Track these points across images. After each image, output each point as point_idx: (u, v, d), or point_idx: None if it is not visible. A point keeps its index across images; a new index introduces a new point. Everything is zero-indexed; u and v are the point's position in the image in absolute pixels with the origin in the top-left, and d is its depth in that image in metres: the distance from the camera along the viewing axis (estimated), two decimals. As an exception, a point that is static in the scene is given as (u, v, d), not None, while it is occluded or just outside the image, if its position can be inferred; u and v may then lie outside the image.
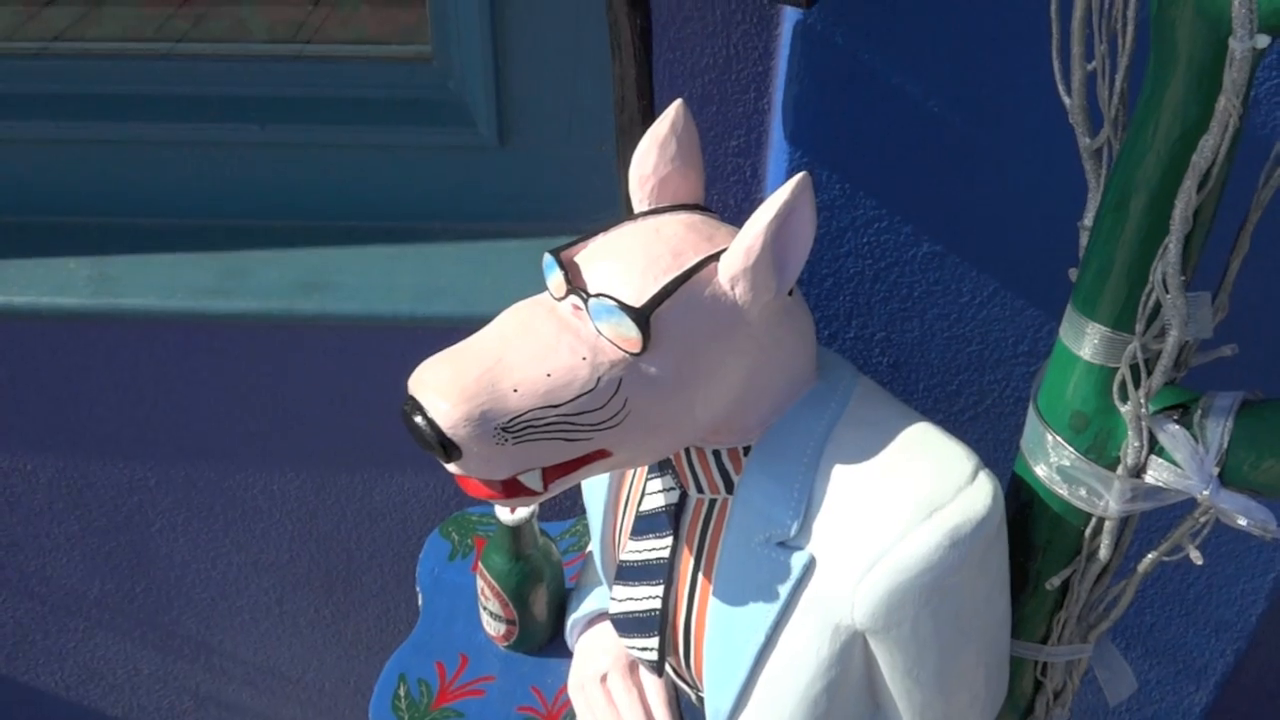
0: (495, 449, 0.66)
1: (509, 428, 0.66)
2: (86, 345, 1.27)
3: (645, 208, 0.75)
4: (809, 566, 0.75)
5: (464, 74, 1.16)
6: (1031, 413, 0.77)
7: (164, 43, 1.22)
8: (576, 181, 1.21)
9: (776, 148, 1.07)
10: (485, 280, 1.19)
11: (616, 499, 0.90)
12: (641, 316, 0.66)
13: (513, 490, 0.70)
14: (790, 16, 0.92)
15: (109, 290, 1.20)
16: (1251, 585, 1.47)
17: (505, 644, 1.07)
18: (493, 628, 1.06)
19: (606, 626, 1.03)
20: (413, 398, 0.67)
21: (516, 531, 0.99)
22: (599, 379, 0.67)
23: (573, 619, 1.05)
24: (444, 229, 1.25)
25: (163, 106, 1.21)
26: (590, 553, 1.09)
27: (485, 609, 1.05)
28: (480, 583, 1.04)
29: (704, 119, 1.08)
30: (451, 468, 0.68)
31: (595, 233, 0.73)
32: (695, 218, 0.73)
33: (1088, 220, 0.73)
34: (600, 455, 0.70)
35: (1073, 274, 0.73)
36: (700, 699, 0.95)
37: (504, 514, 0.99)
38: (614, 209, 1.08)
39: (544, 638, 1.08)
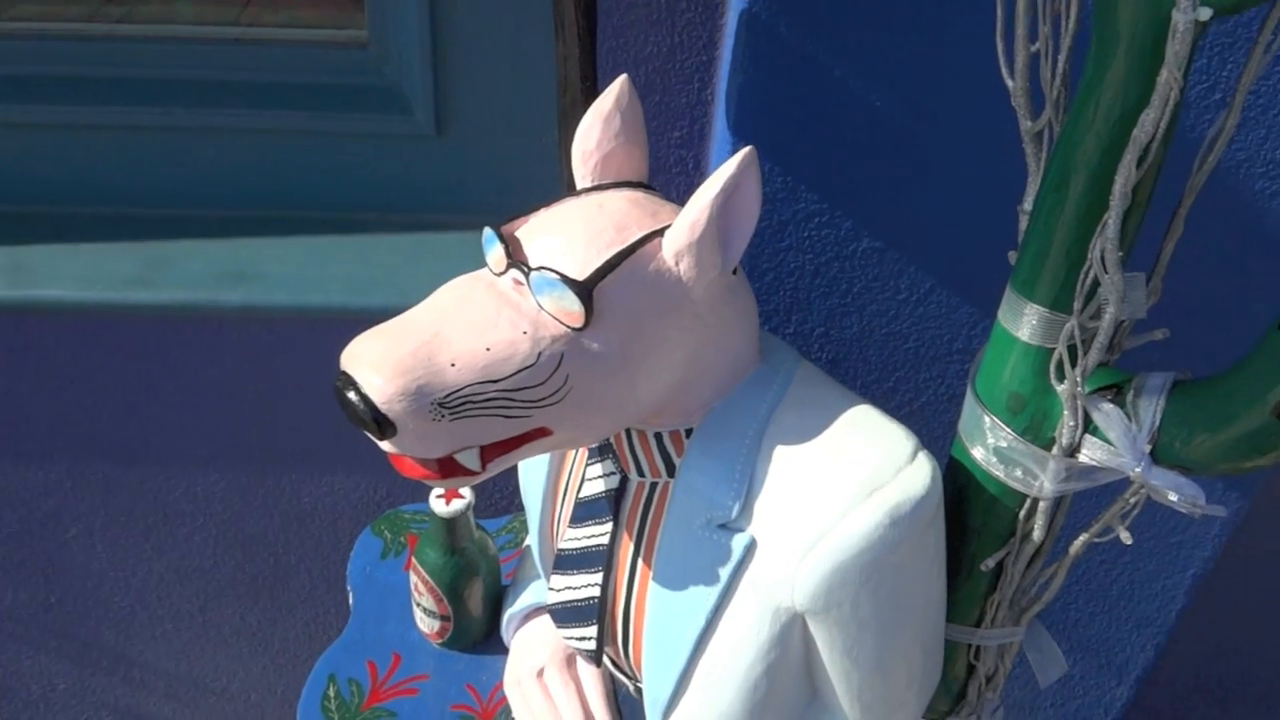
0: (431, 426, 0.64)
1: (446, 403, 0.64)
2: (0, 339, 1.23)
3: (588, 184, 0.74)
4: (750, 548, 0.74)
5: (401, 60, 1.14)
6: (969, 396, 0.77)
7: (84, 23, 1.19)
8: (516, 172, 1.20)
9: (719, 139, 1.07)
10: (421, 271, 1.17)
11: (555, 487, 0.89)
12: (584, 290, 0.65)
13: (449, 470, 0.68)
14: (735, 6, 0.93)
15: (24, 281, 1.15)
16: (1172, 581, 1.50)
17: (439, 641, 1.05)
18: (426, 624, 1.04)
19: (543, 621, 1.02)
20: (345, 373, 0.65)
21: (451, 524, 0.97)
22: (539, 354, 0.66)
23: (509, 614, 1.03)
24: (378, 220, 1.23)
25: (83, 89, 1.17)
26: (527, 547, 1.08)
27: (419, 605, 1.03)
28: (414, 578, 1.02)
29: (647, 109, 1.07)
30: (386, 446, 0.67)
31: (537, 208, 0.72)
32: (639, 194, 0.73)
33: (1027, 204, 0.73)
34: (540, 434, 0.69)
35: (1012, 257, 0.74)
36: (638, 690, 0.94)
37: (439, 506, 0.97)
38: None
39: (479, 634, 1.06)
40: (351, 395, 0.64)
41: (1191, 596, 1.50)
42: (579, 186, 0.75)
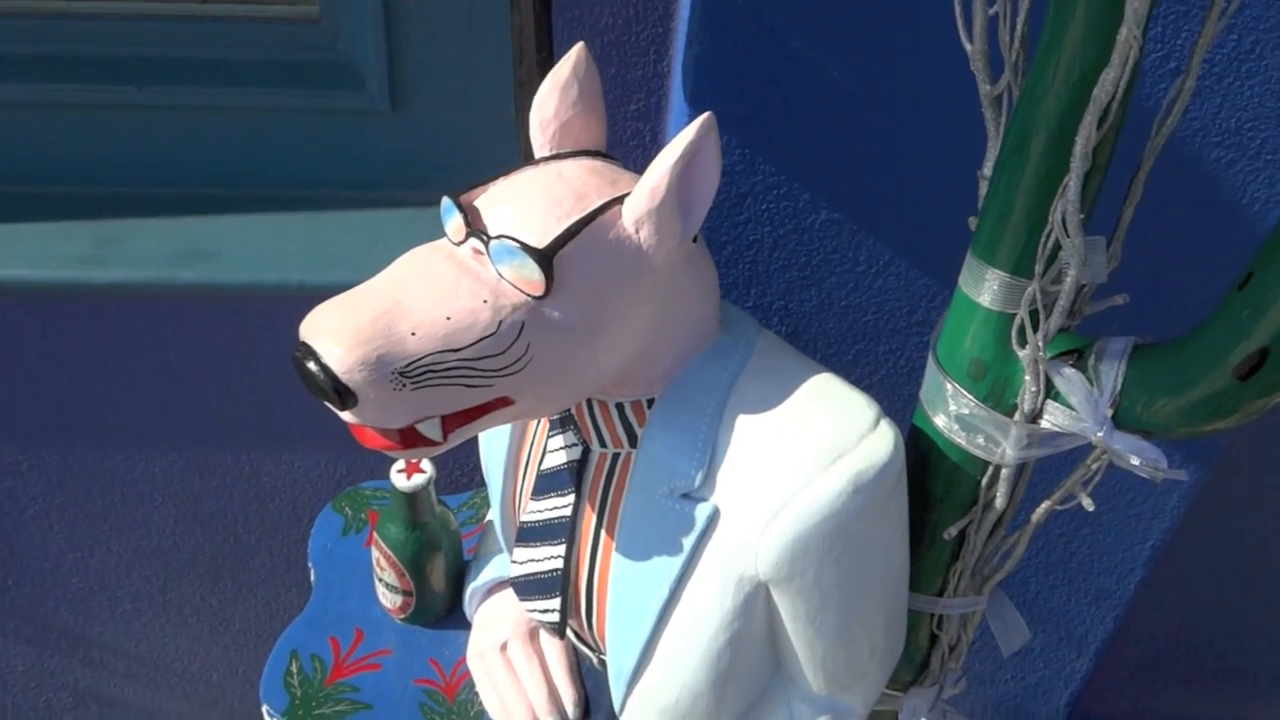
0: (392, 395, 0.64)
1: (407, 373, 0.63)
2: (-50, 318, 1.20)
3: (546, 153, 0.73)
4: (713, 518, 0.74)
5: (353, 35, 1.12)
6: (930, 363, 0.78)
7: (36, 0, 1.16)
8: (472, 147, 1.19)
9: (676, 111, 1.07)
10: (378, 249, 1.16)
11: (516, 460, 0.89)
12: (544, 258, 0.65)
13: (411, 440, 0.68)
14: (691, -25, 0.92)
15: (-26, 260, 1.13)
16: (1130, 554, 1.52)
17: (402, 616, 1.05)
18: (389, 600, 1.04)
19: (506, 595, 1.01)
20: (305, 343, 0.64)
21: (413, 498, 0.97)
22: (500, 323, 0.65)
23: (471, 588, 1.03)
24: (333, 197, 1.21)
25: (33, 66, 1.15)
26: (489, 522, 1.07)
27: (381, 580, 1.02)
28: (376, 553, 1.01)
29: (603, 82, 1.06)
30: (347, 416, 0.66)
31: (495, 177, 0.71)
32: (598, 163, 0.72)
33: (987, 170, 0.73)
34: (502, 403, 0.69)
35: (972, 223, 0.74)
36: (602, 662, 0.94)
37: (400, 481, 0.96)
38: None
39: (441, 609, 1.06)
40: (311, 365, 0.63)
41: (1150, 568, 1.52)
42: (537, 155, 0.74)
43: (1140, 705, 1.83)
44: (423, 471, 0.97)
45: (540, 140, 0.74)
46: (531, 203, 0.67)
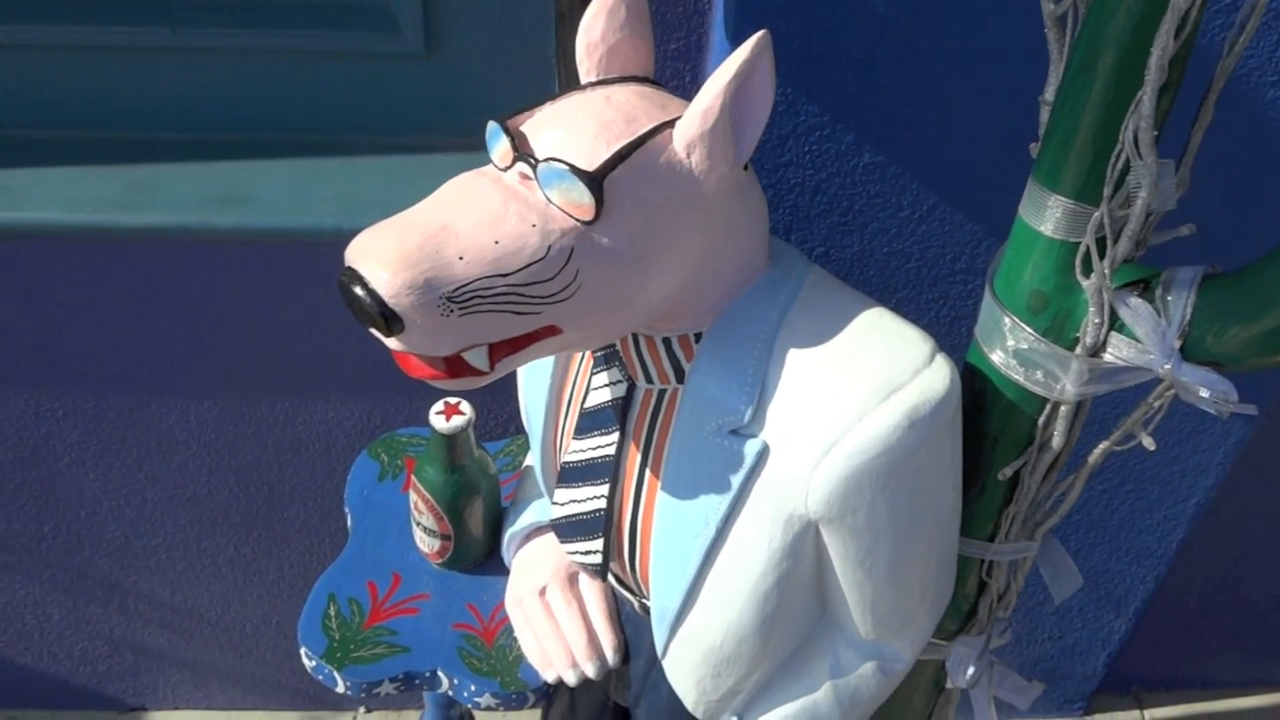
0: (440, 321, 0.62)
1: (455, 297, 0.62)
2: (-14, 262, 1.20)
3: (593, 78, 0.71)
4: (762, 454, 0.73)
5: (388, -25, 1.10)
6: (987, 297, 0.75)
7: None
8: (509, 91, 1.17)
9: (717, 51, 1.04)
10: (413, 194, 1.11)
11: (558, 399, 0.87)
12: (594, 181, 0.63)
13: (457, 369, 0.66)
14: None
15: (8, 203, 1.12)
16: (1174, 511, 1.49)
17: (439, 561, 1.04)
18: (426, 544, 1.03)
19: (545, 540, 1.00)
20: (351, 268, 0.63)
21: (452, 441, 0.95)
22: (549, 247, 0.63)
23: (510, 533, 1.02)
24: (368, 142, 1.20)
25: (65, 8, 1.13)
26: (527, 467, 1.06)
27: (419, 524, 1.01)
28: (414, 496, 1.00)
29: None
30: (392, 343, 0.64)
31: (542, 102, 0.69)
32: (646, 88, 0.71)
33: (1049, 94, 0.71)
34: (549, 332, 0.67)
35: (1034, 150, 0.72)
36: (643, 607, 0.93)
37: (439, 422, 0.95)
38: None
39: (479, 554, 1.05)
40: (358, 290, 0.61)
41: (1193, 526, 1.50)
42: (583, 81, 0.72)
43: (1178, 668, 1.81)
44: (462, 413, 0.96)
45: (587, 65, 0.72)
46: (580, 126, 0.66)
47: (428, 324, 0.62)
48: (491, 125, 0.67)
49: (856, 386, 0.70)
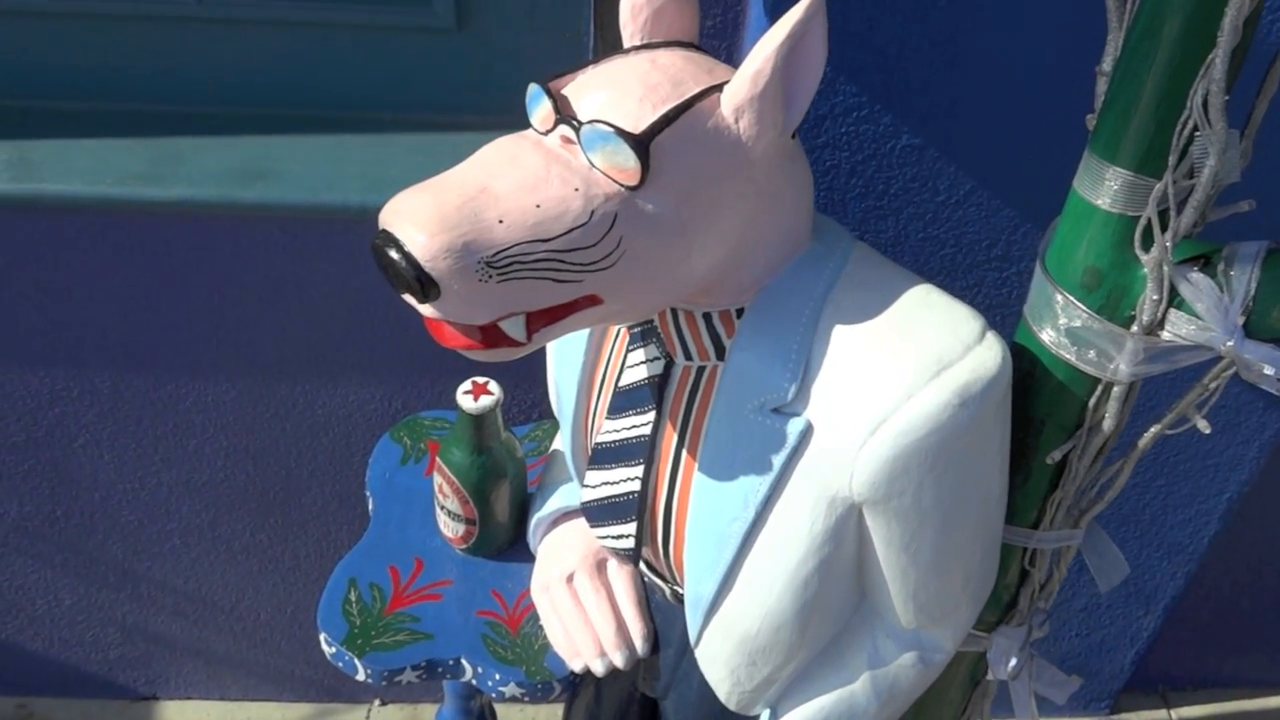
0: (478, 287, 0.60)
1: (494, 262, 0.60)
2: (3, 236, 1.17)
3: (637, 42, 0.69)
4: (805, 434, 0.70)
5: (419, -54, 1.08)
6: (1039, 274, 0.73)
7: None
8: (540, 68, 1.15)
9: (754, 28, 1.02)
10: (442, 169, 1.12)
11: (591, 378, 0.85)
12: (641, 144, 0.61)
13: (493, 339, 0.64)
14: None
15: (29, 175, 1.11)
16: (1206, 506, 1.46)
17: (463, 546, 1.02)
18: (450, 529, 1.01)
19: (572, 526, 0.98)
20: (385, 230, 0.61)
21: (480, 421, 0.93)
22: (592, 212, 0.61)
23: (536, 518, 1.00)
24: (396, 119, 1.18)
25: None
26: (554, 452, 1.04)
27: (443, 508, 0.99)
28: (438, 479, 0.98)
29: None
30: (427, 310, 0.62)
31: (583, 66, 0.67)
32: (691, 53, 0.68)
33: (1106, 64, 0.68)
34: (589, 302, 0.65)
35: (1090, 121, 0.69)
36: (675, 594, 0.91)
37: (467, 402, 0.93)
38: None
39: (504, 540, 1.03)
40: (393, 253, 0.59)
41: (1225, 522, 1.47)
42: (626, 45, 0.70)
43: (1207, 667, 1.78)
44: (490, 393, 0.93)
45: (631, 29, 0.69)
46: (626, 88, 0.63)
47: (465, 290, 0.60)
48: (533, 87, 0.65)
49: (905, 363, 0.67)
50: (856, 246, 0.74)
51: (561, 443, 1.00)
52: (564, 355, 0.87)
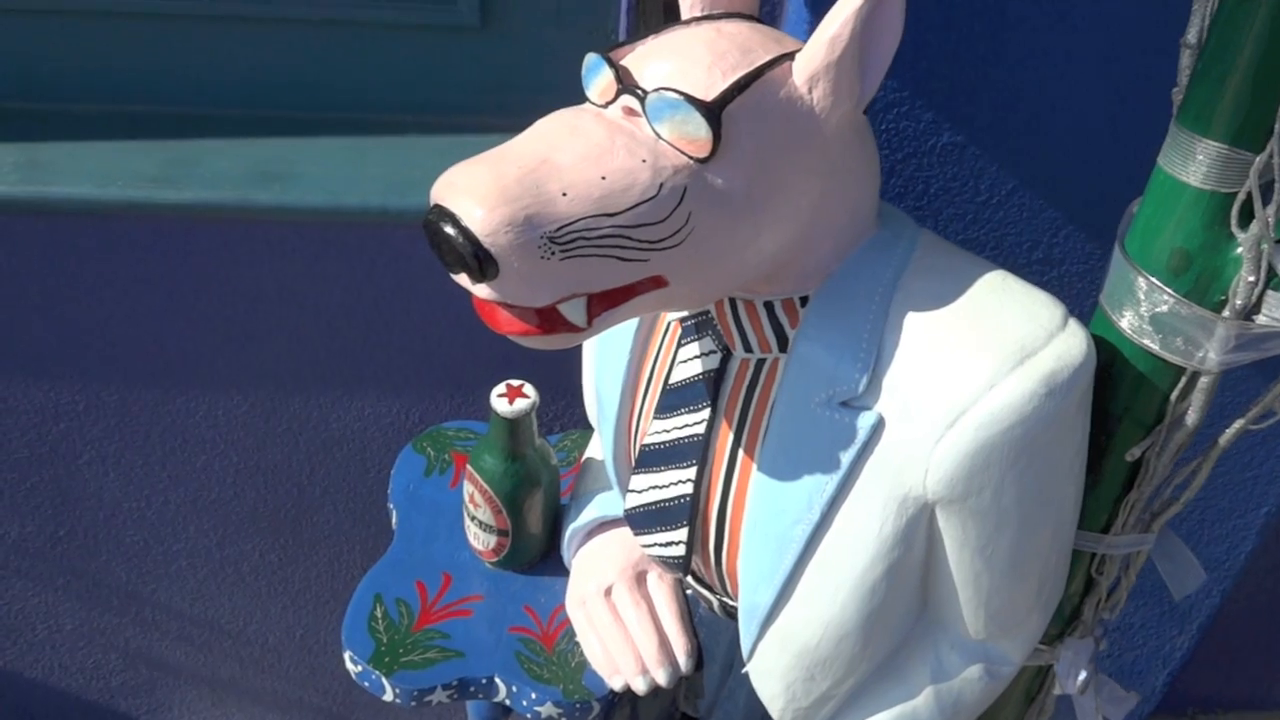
0: (539, 265, 0.56)
1: (557, 238, 0.56)
2: (9, 241, 1.13)
3: (697, 13, 0.66)
4: (876, 428, 0.66)
5: (442, -58, 1.05)
6: (1117, 258, 0.69)
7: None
8: (566, 68, 1.11)
9: (793, 19, 0.99)
10: (465, 171, 1.08)
11: (637, 377, 0.81)
12: (712, 112, 0.57)
13: (551, 323, 0.60)
14: None
15: (37, 177, 1.07)
16: (1243, 521, 1.43)
17: (494, 560, 0.97)
18: (481, 541, 0.96)
19: (610, 537, 0.93)
20: (439, 205, 0.56)
21: (514, 426, 0.89)
22: (661, 185, 0.57)
23: (571, 529, 0.95)
24: (417, 120, 1.14)
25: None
26: (587, 460, 0.99)
27: (473, 518, 0.95)
28: (469, 488, 0.93)
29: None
30: (484, 291, 0.58)
31: (644, 36, 0.63)
32: (756, 25, 0.65)
33: (1191, 36, 0.65)
34: (653, 284, 0.61)
35: (1175, 96, 0.66)
36: (722, 607, 0.86)
37: (501, 405, 0.88)
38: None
39: (536, 553, 0.98)
40: (448, 229, 0.55)
41: (1263, 537, 1.43)
42: (685, 16, 0.66)
43: (1240, 691, 1.74)
44: (526, 396, 0.89)
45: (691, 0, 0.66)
46: (693, 56, 0.60)
47: (525, 267, 0.56)
48: (591, 57, 0.61)
49: (985, 351, 0.63)
50: (924, 232, 0.71)
51: (599, 449, 0.96)
52: (606, 355, 0.83)
